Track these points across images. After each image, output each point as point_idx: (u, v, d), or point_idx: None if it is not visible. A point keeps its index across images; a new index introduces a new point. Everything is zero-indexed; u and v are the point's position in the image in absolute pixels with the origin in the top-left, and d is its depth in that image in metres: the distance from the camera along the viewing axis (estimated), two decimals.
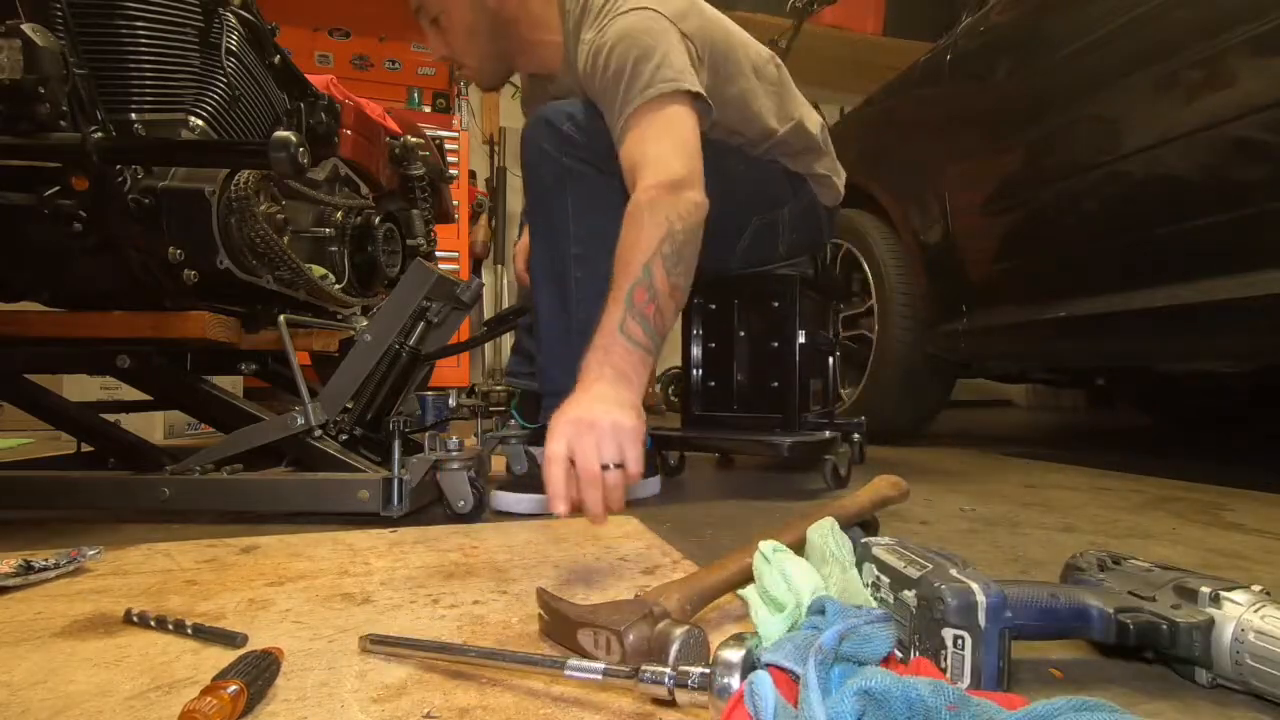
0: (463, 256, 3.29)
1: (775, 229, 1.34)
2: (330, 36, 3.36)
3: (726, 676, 0.38)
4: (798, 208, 1.34)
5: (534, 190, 1.15)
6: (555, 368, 1.16)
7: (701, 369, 1.47)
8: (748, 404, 1.41)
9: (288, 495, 1.01)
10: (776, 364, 1.37)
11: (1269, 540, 0.93)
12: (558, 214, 1.13)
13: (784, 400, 1.36)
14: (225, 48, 1.19)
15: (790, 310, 1.36)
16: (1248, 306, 1.18)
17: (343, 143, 1.43)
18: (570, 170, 1.10)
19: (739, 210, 1.28)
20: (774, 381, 1.37)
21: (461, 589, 0.69)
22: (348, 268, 1.38)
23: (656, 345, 0.93)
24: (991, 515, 1.09)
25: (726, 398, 1.44)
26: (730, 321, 1.43)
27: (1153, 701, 0.47)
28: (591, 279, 1.11)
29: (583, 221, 1.11)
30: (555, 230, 1.13)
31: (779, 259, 1.40)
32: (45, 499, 1.05)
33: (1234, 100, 1.18)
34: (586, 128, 1.10)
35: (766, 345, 1.38)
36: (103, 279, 1.09)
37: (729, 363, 1.44)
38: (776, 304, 1.37)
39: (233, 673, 0.44)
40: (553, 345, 1.17)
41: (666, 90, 1.02)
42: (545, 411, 1.18)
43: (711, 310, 1.46)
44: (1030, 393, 4.32)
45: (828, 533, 0.62)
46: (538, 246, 1.16)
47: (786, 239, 1.36)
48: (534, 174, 1.14)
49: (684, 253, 0.96)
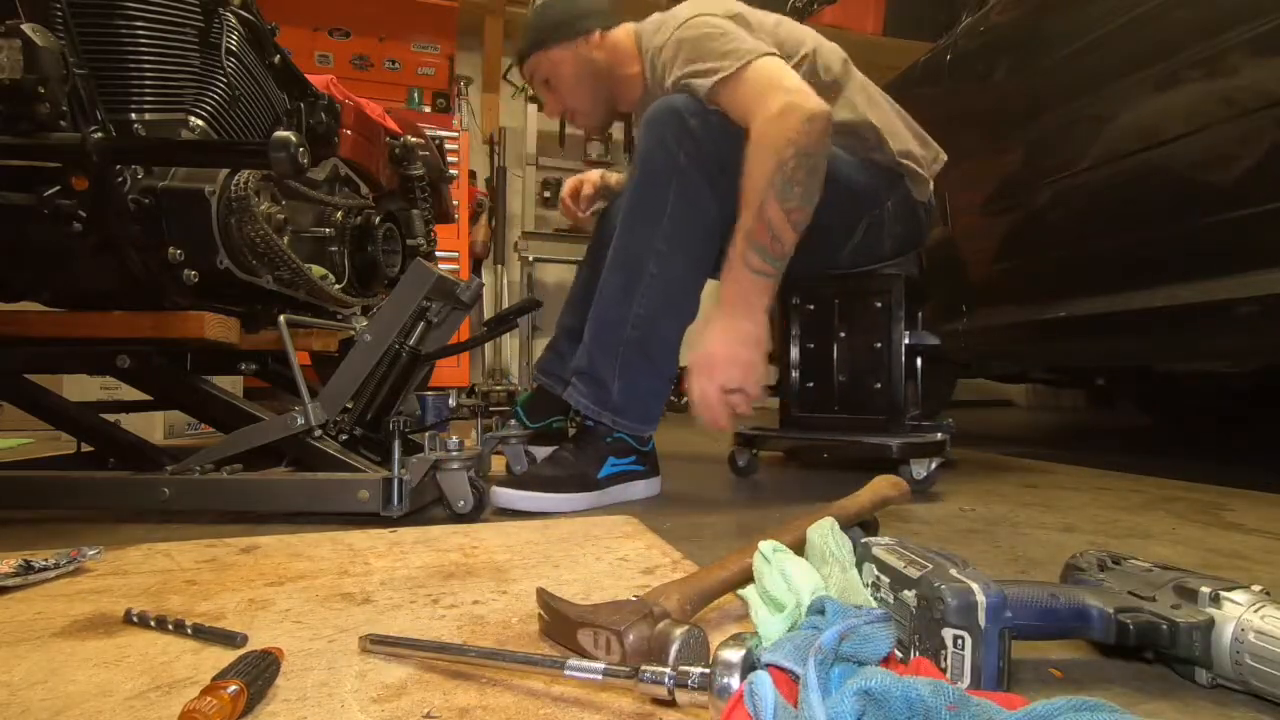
0: (463, 256, 3.29)
1: (881, 226, 1.32)
2: (330, 36, 3.36)
3: (726, 676, 0.38)
4: (898, 202, 1.32)
5: (641, 174, 1.15)
6: (600, 353, 1.16)
7: (800, 369, 1.46)
8: (849, 405, 1.39)
9: (288, 495, 1.01)
10: (880, 365, 1.36)
11: (1269, 540, 0.93)
12: (654, 204, 1.12)
13: (888, 401, 1.35)
14: (225, 48, 1.19)
15: (896, 310, 1.35)
16: (1247, 306, 1.18)
17: (343, 143, 1.43)
18: (682, 169, 1.11)
19: (849, 210, 1.28)
20: (877, 382, 1.36)
21: (461, 589, 0.69)
22: (348, 268, 1.38)
23: (779, 266, 1.08)
24: (991, 515, 1.09)
25: (827, 398, 1.42)
26: (830, 321, 1.42)
27: (1153, 701, 0.47)
28: (664, 279, 1.13)
29: (676, 221, 1.12)
30: (647, 218, 1.13)
31: (886, 257, 1.37)
32: (45, 499, 1.05)
33: (1233, 100, 1.18)
34: (711, 127, 1.11)
35: (869, 345, 1.37)
36: (103, 279, 1.09)
37: (829, 363, 1.42)
38: (879, 304, 1.36)
39: (233, 673, 0.44)
40: (604, 331, 1.16)
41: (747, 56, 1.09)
42: (574, 390, 1.18)
43: (810, 310, 1.45)
44: (1030, 393, 4.32)
45: (828, 533, 0.62)
46: (623, 228, 1.15)
47: (891, 235, 1.34)
48: (646, 159, 1.13)
49: (797, 177, 1.04)
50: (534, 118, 3.58)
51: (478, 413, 1.40)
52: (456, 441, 1.02)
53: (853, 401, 1.39)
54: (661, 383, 1.19)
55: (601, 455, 1.16)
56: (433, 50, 3.53)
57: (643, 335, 1.13)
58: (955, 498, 1.23)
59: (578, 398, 1.18)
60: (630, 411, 1.16)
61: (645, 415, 1.18)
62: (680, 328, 1.17)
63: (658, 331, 1.15)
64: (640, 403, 1.17)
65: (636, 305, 1.13)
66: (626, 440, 1.18)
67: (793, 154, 1.03)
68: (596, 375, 1.16)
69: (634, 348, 1.14)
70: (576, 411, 1.21)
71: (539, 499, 1.08)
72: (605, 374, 1.15)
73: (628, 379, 1.15)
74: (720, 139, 1.10)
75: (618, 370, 1.14)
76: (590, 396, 1.16)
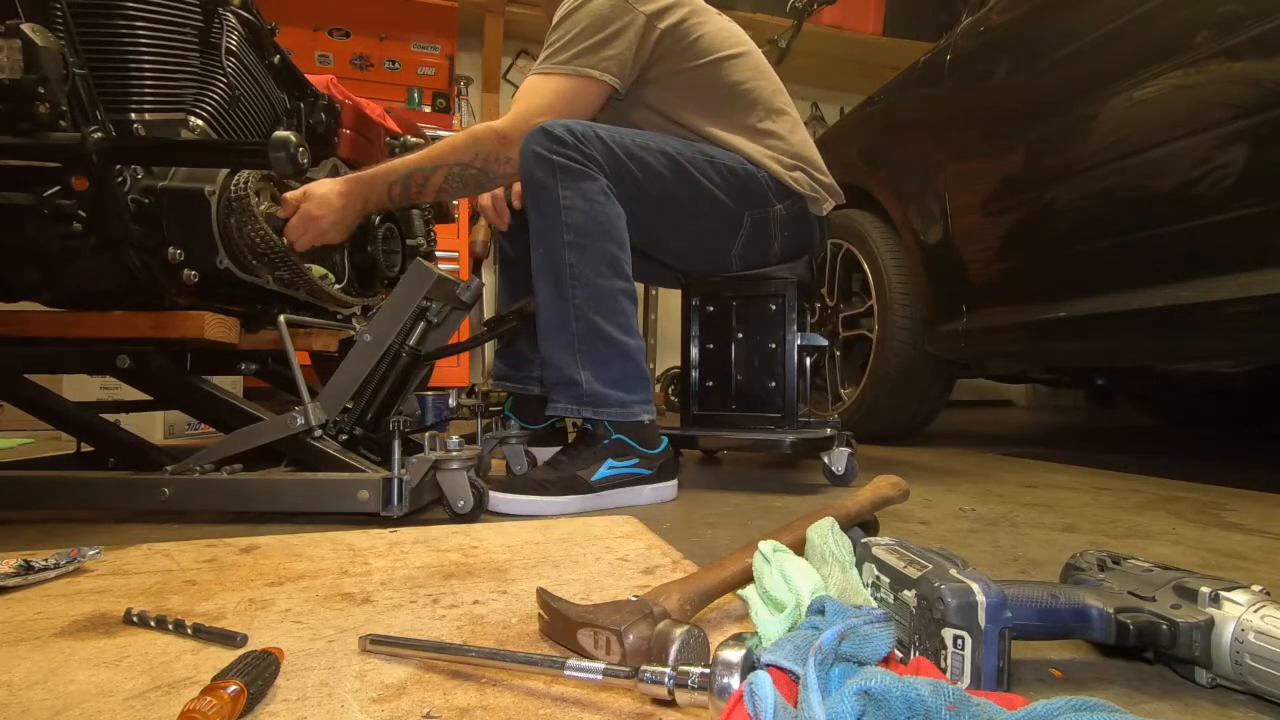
0: (463, 256, 3.29)
1: (769, 227, 1.37)
2: (330, 36, 3.36)
3: (726, 676, 0.38)
4: (790, 210, 1.37)
5: (529, 191, 1.18)
6: (560, 355, 1.17)
7: (700, 369, 1.51)
8: (745, 403, 1.45)
9: (288, 495, 1.01)
10: (774, 364, 1.43)
11: (1269, 540, 0.93)
12: (549, 207, 1.16)
13: (782, 399, 1.42)
14: (225, 48, 1.19)
15: (789, 312, 1.41)
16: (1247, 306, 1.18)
17: (342, 142, 1.43)
18: (561, 166, 1.15)
19: (734, 203, 1.32)
20: (771, 381, 1.42)
21: (461, 589, 0.69)
22: (348, 268, 1.38)
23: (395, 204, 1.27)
24: (991, 515, 1.09)
25: (725, 397, 1.48)
26: (728, 323, 1.48)
27: (1153, 701, 0.47)
28: (585, 263, 1.16)
29: (574, 212, 1.15)
30: (549, 223, 1.16)
31: (774, 260, 1.42)
32: (45, 499, 1.05)
33: (1233, 101, 1.18)
34: (580, 134, 1.16)
35: (764, 346, 1.44)
36: (103, 279, 1.09)
37: (727, 363, 1.48)
38: (774, 306, 1.42)
39: (233, 673, 0.44)
40: (554, 333, 1.18)
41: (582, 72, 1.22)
42: (553, 404, 1.19)
43: (710, 312, 1.50)
44: (1030, 393, 4.32)
45: (828, 533, 0.62)
46: (535, 248, 1.19)
47: (780, 239, 1.39)
48: (529, 176, 1.17)
49: (466, 183, 1.23)
50: None
51: (478, 413, 1.40)
52: (456, 441, 1.02)
53: (749, 399, 1.45)
54: (632, 364, 1.19)
55: (598, 457, 1.15)
56: (433, 50, 3.53)
57: (588, 324, 1.16)
58: (955, 498, 1.23)
59: (559, 408, 1.18)
60: (609, 399, 1.16)
61: (624, 400, 1.18)
62: (622, 303, 1.19)
63: (601, 313, 1.16)
64: (616, 389, 1.17)
65: (571, 299, 1.15)
66: (628, 443, 1.17)
67: (478, 170, 1.22)
68: (565, 377, 1.17)
69: (587, 338, 1.16)
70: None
71: (526, 502, 1.08)
72: (572, 372, 1.16)
73: (593, 367, 1.16)
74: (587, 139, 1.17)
75: (578, 363, 1.16)
76: (566, 397, 1.17)
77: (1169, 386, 2.78)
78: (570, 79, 1.23)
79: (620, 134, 1.22)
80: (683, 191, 1.27)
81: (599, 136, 1.18)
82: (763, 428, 1.42)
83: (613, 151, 1.19)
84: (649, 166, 1.23)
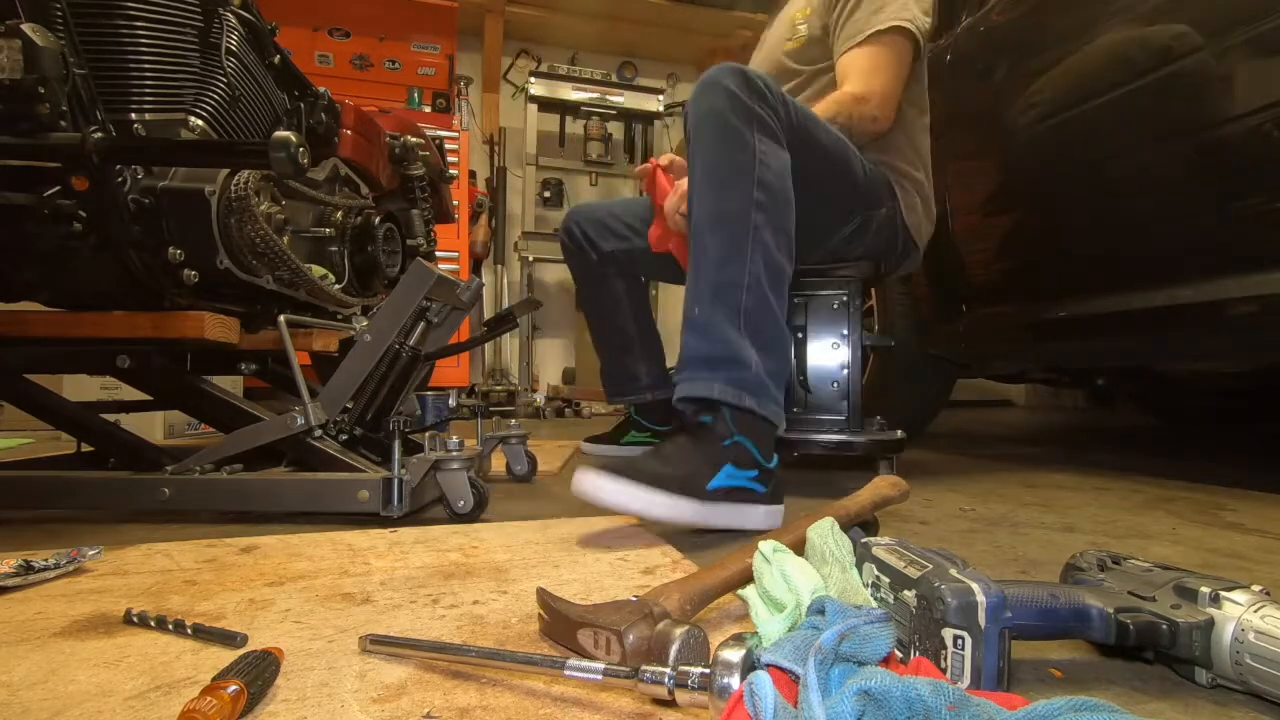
0: (463, 256, 3.29)
1: (865, 228, 1.33)
2: (330, 36, 3.36)
3: (726, 676, 0.38)
4: (885, 214, 1.34)
5: (714, 132, 1.01)
6: (724, 325, 0.96)
7: None
8: (810, 404, 1.39)
9: (288, 495, 1.01)
10: (838, 364, 1.37)
11: (1269, 540, 0.93)
12: (741, 153, 1.00)
13: (847, 400, 1.36)
14: (225, 48, 1.19)
15: (852, 310, 1.36)
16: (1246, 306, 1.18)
17: (343, 143, 1.43)
18: (759, 120, 1.02)
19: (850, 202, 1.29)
20: (834, 382, 1.37)
21: (461, 589, 0.69)
22: (348, 268, 1.38)
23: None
24: (991, 515, 1.09)
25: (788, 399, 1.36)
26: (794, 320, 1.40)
27: (1153, 701, 0.47)
28: (770, 230, 0.99)
29: (769, 170, 1.00)
30: (738, 170, 0.99)
31: (853, 258, 1.36)
32: (45, 499, 1.05)
33: (1232, 101, 1.18)
34: (776, 94, 1.06)
35: (827, 345, 1.38)
36: (103, 279, 1.09)
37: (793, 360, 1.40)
38: (836, 304, 1.37)
39: (233, 673, 0.44)
40: (719, 297, 0.97)
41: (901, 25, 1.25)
42: (694, 378, 0.96)
43: None
44: (1030, 393, 4.32)
45: (828, 533, 0.62)
46: (707, 195, 1.00)
47: (869, 241, 1.35)
48: (717, 114, 1.01)
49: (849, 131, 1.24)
50: (534, 118, 3.58)
51: (478, 413, 1.40)
52: (456, 441, 1.02)
53: (813, 401, 1.39)
54: (786, 360, 1.03)
55: (719, 459, 0.92)
56: (433, 50, 3.53)
57: (759, 300, 0.98)
58: (955, 498, 1.23)
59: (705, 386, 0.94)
60: (769, 393, 0.97)
61: (778, 400, 0.99)
62: (785, 291, 1.03)
63: (770, 296, 0.99)
64: (774, 382, 0.98)
65: (749, 264, 0.97)
66: (749, 448, 0.94)
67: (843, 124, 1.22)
68: (729, 352, 0.95)
69: (754, 316, 0.97)
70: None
71: (635, 495, 0.86)
72: (739, 349, 0.95)
73: (760, 349, 0.96)
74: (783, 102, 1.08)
75: (748, 340, 0.96)
76: (725, 377, 0.94)
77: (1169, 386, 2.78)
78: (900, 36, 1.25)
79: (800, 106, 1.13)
80: (829, 175, 1.20)
81: (786, 100, 1.08)
82: (829, 430, 1.34)
83: (799, 120, 1.10)
84: (820, 145, 1.16)
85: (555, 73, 3.62)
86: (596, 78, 3.63)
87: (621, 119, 3.76)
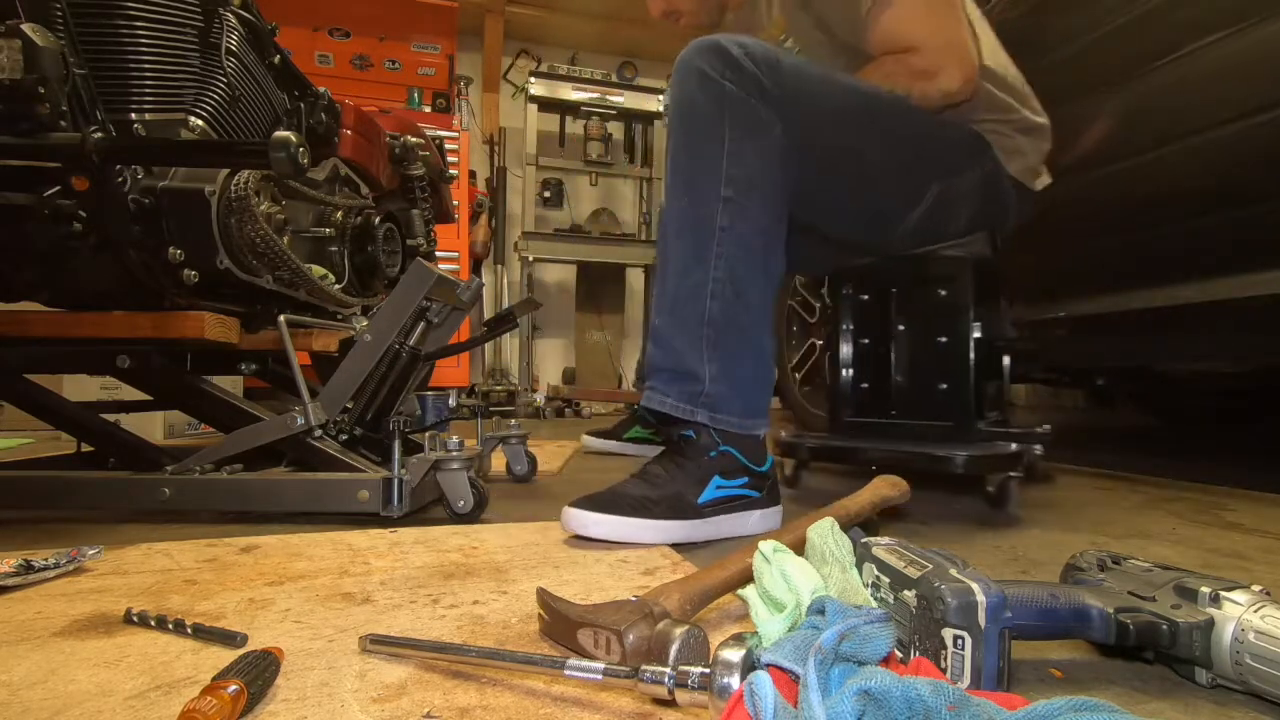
0: (463, 256, 3.29)
1: (954, 199, 1.13)
2: (330, 36, 3.36)
3: (726, 676, 0.38)
4: (978, 175, 1.13)
5: (681, 121, 0.96)
6: (680, 336, 0.94)
7: (852, 368, 1.27)
8: (909, 409, 1.22)
9: (288, 495, 1.01)
10: (944, 362, 1.17)
11: (1269, 540, 0.93)
12: (707, 147, 0.94)
13: (955, 405, 1.16)
14: (225, 48, 1.19)
15: (963, 298, 1.15)
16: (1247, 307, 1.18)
17: (343, 143, 1.43)
18: (731, 96, 0.93)
19: (918, 175, 1.10)
20: (941, 383, 1.18)
21: (461, 589, 0.69)
22: (348, 268, 1.38)
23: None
24: (991, 515, 1.09)
25: (882, 402, 1.25)
26: (887, 313, 1.24)
27: (1153, 701, 0.47)
28: (740, 229, 0.93)
29: (737, 161, 0.94)
30: (702, 171, 0.94)
31: (954, 235, 1.17)
32: (45, 499, 1.05)
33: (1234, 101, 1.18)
34: (761, 59, 0.94)
35: (932, 340, 1.18)
36: (103, 279, 1.09)
37: (885, 361, 1.24)
38: (944, 291, 1.16)
39: (233, 673, 0.44)
40: (678, 307, 0.95)
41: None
42: (651, 392, 0.96)
43: (864, 302, 1.27)
44: (1030, 392, 4.32)
45: (828, 533, 0.62)
46: (675, 195, 0.97)
47: (966, 211, 1.15)
48: (685, 103, 0.95)
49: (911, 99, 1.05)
50: (534, 118, 3.58)
51: (478, 413, 1.40)
52: (456, 441, 1.02)
53: (913, 405, 1.20)
54: (763, 364, 0.98)
55: (704, 473, 0.92)
56: (433, 50, 3.54)
57: (726, 304, 0.93)
58: (955, 498, 1.23)
59: (660, 399, 0.94)
60: (731, 404, 0.94)
61: (748, 408, 0.95)
62: (769, 291, 0.98)
63: (744, 296, 0.94)
64: (740, 392, 0.95)
65: (713, 269, 0.93)
66: (736, 456, 0.95)
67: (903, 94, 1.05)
68: (681, 365, 0.94)
69: (720, 322, 0.93)
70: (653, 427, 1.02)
71: (622, 526, 0.86)
72: (691, 360, 0.93)
73: (719, 362, 0.93)
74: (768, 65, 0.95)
75: (705, 352, 0.93)
76: (676, 392, 0.94)
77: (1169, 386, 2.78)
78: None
79: (805, 66, 1.00)
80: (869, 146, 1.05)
81: (780, 64, 0.96)
82: (932, 439, 1.16)
83: (796, 86, 0.97)
84: (836, 109, 1.01)
85: (555, 73, 3.62)
86: (596, 78, 3.63)
87: (621, 119, 3.77)
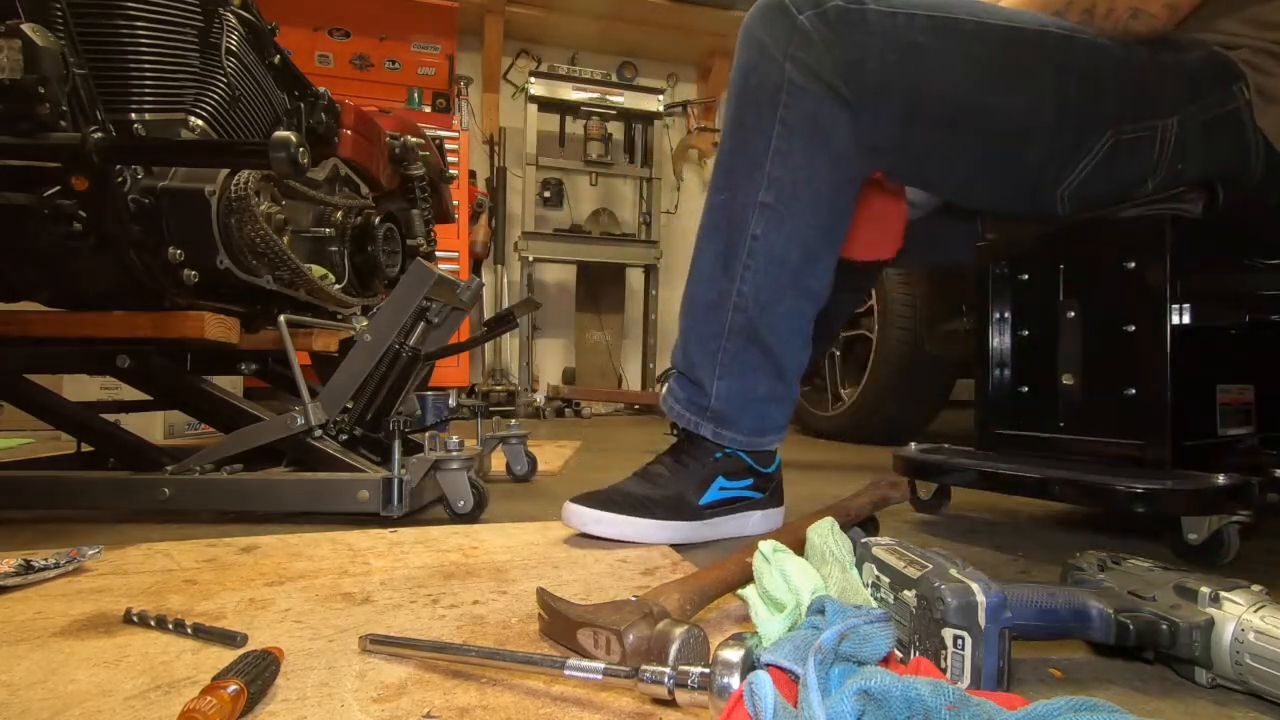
0: (463, 256, 3.29)
1: (1146, 147, 0.87)
2: (330, 36, 3.36)
3: (726, 676, 0.38)
4: (1205, 115, 0.86)
5: (735, 101, 0.87)
6: (695, 343, 0.91)
7: (1008, 368, 1.02)
8: (1083, 421, 0.93)
9: (288, 495, 1.01)
10: (1132, 359, 0.87)
11: (1269, 540, 0.93)
12: (753, 143, 0.84)
13: (1148, 416, 0.85)
14: (225, 48, 1.19)
15: (1159, 274, 0.83)
16: None
17: (343, 143, 1.43)
18: (790, 84, 0.81)
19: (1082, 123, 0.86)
20: (1129, 388, 0.87)
21: (461, 589, 0.69)
22: (348, 268, 1.38)
23: None
24: (991, 515, 1.09)
25: (1048, 411, 0.96)
26: (1053, 296, 0.95)
27: (1153, 701, 0.47)
28: (772, 243, 0.85)
29: (783, 162, 0.83)
30: (743, 164, 0.86)
31: (1142, 194, 0.89)
32: (45, 499, 1.05)
33: None
34: (835, 23, 0.79)
35: (1114, 330, 0.89)
36: (103, 279, 1.09)
37: (1051, 359, 0.95)
38: (1132, 265, 0.86)
39: (232, 672, 0.44)
40: (698, 316, 0.91)
41: None
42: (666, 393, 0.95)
43: (1023, 282, 1.00)
44: None
45: (828, 533, 0.62)
46: (717, 181, 0.89)
47: (1169, 163, 0.87)
48: (740, 78, 0.86)
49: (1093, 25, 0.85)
50: (534, 118, 3.58)
51: (478, 413, 1.40)
52: (456, 441, 1.02)
53: (1090, 416, 0.92)
54: (783, 383, 0.92)
55: (707, 474, 0.91)
56: (433, 50, 3.53)
57: (750, 319, 0.87)
58: (955, 497, 1.23)
59: (670, 402, 0.93)
60: (737, 421, 0.91)
61: (759, 426, 0.92)
62: (806, 308, 0.90)
63: (771, 313, 0.87)
64: (752, 409, 0.91)
65: (739, 281, 0.87)
66: (742, 458, 0.93)
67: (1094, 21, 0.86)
68: (693, 373, 0.92)
69: (740, 336, 0.88)
70: None
71: (622, 524, 0.86)
72: (702, 372, 0.90)
73: (732, 378, 0.89)
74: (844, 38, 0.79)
75: (717, 367, 0.89)
76: (684, 400, 0.92)
77: None
78: None
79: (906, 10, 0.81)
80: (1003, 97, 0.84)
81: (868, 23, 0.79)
82: (1114, 462, 0.88)
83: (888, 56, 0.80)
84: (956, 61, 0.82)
85: (555, 73, 3.62)
86: (596, 78, 3.63)
87: (621, 119, 3.76)
